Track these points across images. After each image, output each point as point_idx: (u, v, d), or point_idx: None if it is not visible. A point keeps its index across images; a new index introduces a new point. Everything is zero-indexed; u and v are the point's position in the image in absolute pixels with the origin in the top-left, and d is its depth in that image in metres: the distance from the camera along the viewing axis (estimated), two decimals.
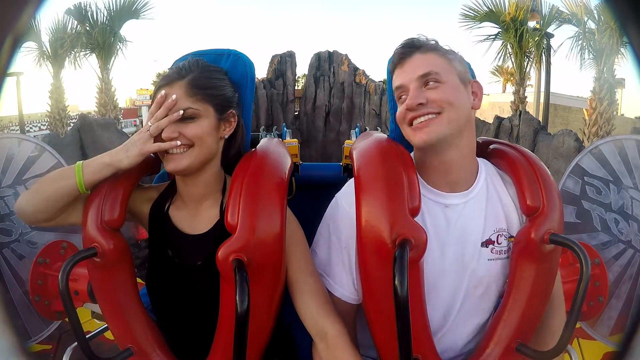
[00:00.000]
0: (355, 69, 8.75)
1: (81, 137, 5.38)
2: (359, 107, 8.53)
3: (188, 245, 0.99)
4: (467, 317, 1.01)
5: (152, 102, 0.93)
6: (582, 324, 2.00)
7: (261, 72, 8.84)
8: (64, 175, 0.93)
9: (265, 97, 8.44)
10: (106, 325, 1.03)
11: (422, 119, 0.93)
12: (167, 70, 1.00)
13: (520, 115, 5.75)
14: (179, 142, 0.91)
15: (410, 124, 0.95)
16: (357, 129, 4.05)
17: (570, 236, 0.93)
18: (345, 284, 1.01)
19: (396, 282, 0.77)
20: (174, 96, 0.90)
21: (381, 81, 8.57)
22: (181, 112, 0.90)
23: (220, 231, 0.94)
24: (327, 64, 8.86)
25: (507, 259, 0.99)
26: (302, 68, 9.14)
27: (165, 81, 0.94)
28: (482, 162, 1.05)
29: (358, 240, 0.93)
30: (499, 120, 5.98)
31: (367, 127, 6.11)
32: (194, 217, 1.00)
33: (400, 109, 0.97)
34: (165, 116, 0.90)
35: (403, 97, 0.97)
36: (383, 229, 0.87)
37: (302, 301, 0.95)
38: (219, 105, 0.96)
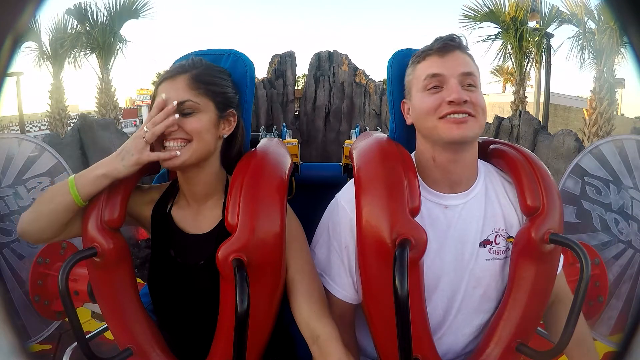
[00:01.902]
0: (355, 69, 8.74)
1: (81, 137, 5.37)
2: (359, 107, 8.53)
3: (190, 245, 0.99)
4: (467, 318, 1.00)
5: (153, 101, 0.93)
6: None
7: (261, 72, 8.85)
8: (59, 191, 0.92)
9: (265, 97, 8.44)
10: (106, 325, 1.03)
11: (461, 116, 0.91)
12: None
13: (520, 115, 5.75)
14: (178, 162, 0.91)
15: (442, 117, 0.92)
16: (357, 129, 4.06)
17: (570, 236, 0.93)
18: (345, 284, 1.01)
19: (396, 282, 0.77)
20: (174, 102, 0.90)
21: (381, 81, 8.56)
22: (175, 103, 0.89)
23: (222, 231, 0.93)
24: (327, 64, 8.85)
25: (505, 259, 0.99)
26: (302, 68, 9.18)
27: (168, 74, 0.94)
28: (481, 162, 1.05)
29: (358, 240, 0.93)
30: (499, 120, 5.98)
31: (367, 127, 6.12)
32: (196, 216, 1.00)
33: (435, 99, 0.92)
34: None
35: (437, 87, 0.94)
36: (383, 229, 0.87)
37: (297, 303, 0.94)
38: (220, 102, 0.96)
